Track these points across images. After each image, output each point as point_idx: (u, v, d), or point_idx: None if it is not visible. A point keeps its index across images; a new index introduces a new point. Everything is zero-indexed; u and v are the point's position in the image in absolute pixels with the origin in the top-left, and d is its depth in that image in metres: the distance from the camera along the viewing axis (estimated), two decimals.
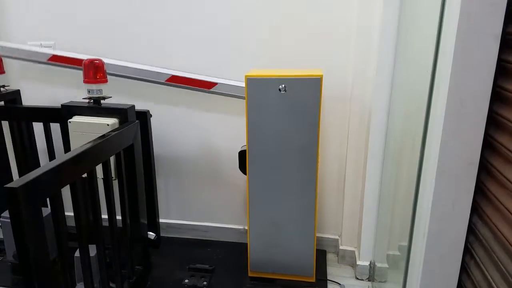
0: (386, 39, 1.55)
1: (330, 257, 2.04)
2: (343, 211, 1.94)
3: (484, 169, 0.92)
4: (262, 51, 1.84)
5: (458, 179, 0.94)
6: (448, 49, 0.90)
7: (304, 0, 1.74)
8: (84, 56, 1.85)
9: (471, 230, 0.97)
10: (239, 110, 1.94)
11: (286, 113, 1.55)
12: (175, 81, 1.84)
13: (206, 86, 1.81)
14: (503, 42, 0.86)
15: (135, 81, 1.99)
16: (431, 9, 1.06)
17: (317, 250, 1.84)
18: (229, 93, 1.85)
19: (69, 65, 1.92)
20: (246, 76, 1.53)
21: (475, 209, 0.95)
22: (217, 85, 1.83)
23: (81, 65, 1.56)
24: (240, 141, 1.97)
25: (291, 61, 1.82)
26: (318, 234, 2.05)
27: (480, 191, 0.94)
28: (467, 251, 0.98)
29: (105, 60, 1.65)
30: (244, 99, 1.61)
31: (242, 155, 1.69)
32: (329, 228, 2.05)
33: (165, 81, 1.84)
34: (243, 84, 1.78)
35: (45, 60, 1.93)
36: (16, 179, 0.98)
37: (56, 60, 1.92)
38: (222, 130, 2.00)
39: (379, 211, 1.75)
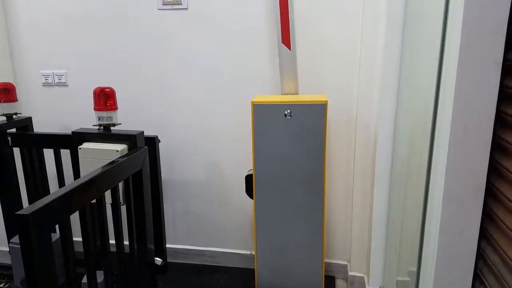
0: (390, 64, 1.58)
1: (339, 283, 2.01)
2: (352, 236, 1.92)
3: (491, 194, 0.92)
4: (268, 77, 1.88)
5: (465, 204, 0.94)
6: (451, 75, 0.92)
7: (308, 26, 1.79)
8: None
9: (480, 256, 0.96)
10: (246, 135, 1.96)
11: (292, 138, 1.57)
12: None
13: None
14: (504, 69, 0.87)
15: (144, 107, 2.03)
16: (433, 35, 1.09)
17: (325, 276, 1.81)
18: None
19: None
20: (252, 102, 1.55)
21: (483, 235, 0.95)
22: None
23: None
24: (246, 166, 1.98)
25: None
26: (326, 260, 2.02)
27: (487, 216, 0.93)
28: (477, 277, 0.97)
29: None
30: None
31: (248, 179, 1.70)
32: (338, 253, 2.03)
33: None
34: None
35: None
36: (27, 206, 0.99)
37: None
38: (229, 155, 2.02)
39: (388, 236, 1.73)
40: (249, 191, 1.70)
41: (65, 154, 1.80)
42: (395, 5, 1.51)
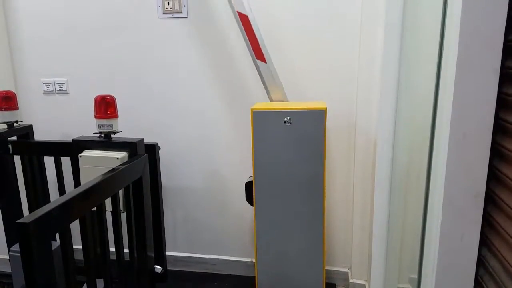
0: (388, 71, 1.58)
1: None
2: (352, 243, 1.92)
3: (491, 200, 0.92)
4: None
5: (465, 211, 0.94)
6: (449, 83, 0.93)
7: (308, 33, 1.80)
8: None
9: (481, 262, 0.96)
10: (246, 142, 1.97)
11: (291, 145, 1.57)
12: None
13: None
14: (503, 76, 0.88)
15: (144, 114, 2.03)
16: (431, 42, 1.10)
17: (326, 283, 1.80)
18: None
19: None
20: (252, 109, 1.56)
21: (484, 241, 0.95)
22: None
23: None
24: (246, 173, 1.98)
25: (297, 93, 1.86)
26: (327, 267, 2.02)
27: (487, 222, 0.93)
28: (478, 284, 0.96)
29: None
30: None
31: (248, 186, 1.70)
32: (338, 260, 2.02)
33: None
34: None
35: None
36: (27, 215, 0.99)
37: None
38: (229, 162, 2.02)
39: (389, 243, 1.72)
40: (249, 198, 1.70)
41: (66, 161, 1.81)
42: (393, 12, 1.52)
